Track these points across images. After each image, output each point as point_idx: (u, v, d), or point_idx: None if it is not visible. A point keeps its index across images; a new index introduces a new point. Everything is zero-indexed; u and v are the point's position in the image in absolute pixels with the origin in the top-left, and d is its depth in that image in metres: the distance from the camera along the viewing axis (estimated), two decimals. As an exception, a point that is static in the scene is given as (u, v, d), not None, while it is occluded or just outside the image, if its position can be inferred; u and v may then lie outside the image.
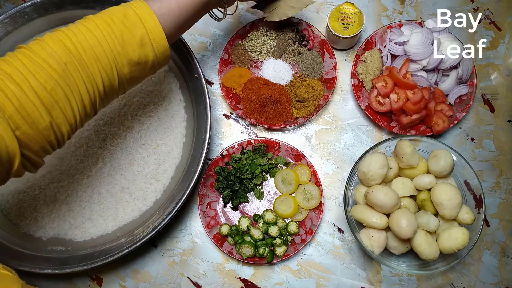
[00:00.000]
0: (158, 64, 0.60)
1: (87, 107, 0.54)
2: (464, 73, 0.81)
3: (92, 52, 0.52)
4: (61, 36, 0.52)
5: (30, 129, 0.48)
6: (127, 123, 0.81)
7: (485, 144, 0.84)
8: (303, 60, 0.86)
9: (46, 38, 0.52)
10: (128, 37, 0.54)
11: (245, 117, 0.84)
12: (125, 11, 0.56)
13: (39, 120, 0.48)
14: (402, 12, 0.91)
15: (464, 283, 0.79)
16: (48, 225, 0.78)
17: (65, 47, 0.51)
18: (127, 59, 0.55)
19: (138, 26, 0.55)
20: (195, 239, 0.82)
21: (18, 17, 0.79)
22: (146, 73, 0.60)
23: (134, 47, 0.55)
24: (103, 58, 0.53)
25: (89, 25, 0.53)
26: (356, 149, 0.85)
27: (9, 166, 0.48)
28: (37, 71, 0.48)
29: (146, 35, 0.56)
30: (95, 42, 0.52)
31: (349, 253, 0.81)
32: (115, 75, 0.55)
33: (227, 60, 0.87)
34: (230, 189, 0.81)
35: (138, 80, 0.61)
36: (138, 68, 0.58)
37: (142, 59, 0.57)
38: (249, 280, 0.80)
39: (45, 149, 0.52)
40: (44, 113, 0.49)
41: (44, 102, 0.49)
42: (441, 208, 0.69)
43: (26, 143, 0.49)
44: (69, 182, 0.79)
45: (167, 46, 0.59)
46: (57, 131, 0.52)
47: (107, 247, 0.75)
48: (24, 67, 0.48)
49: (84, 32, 0.52)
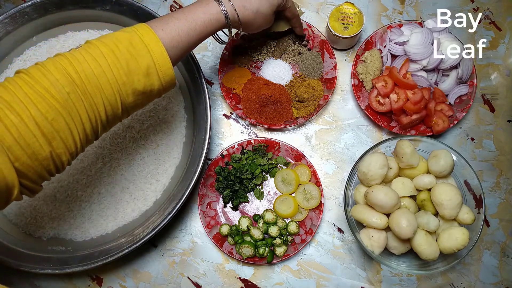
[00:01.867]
0: (163, 90, 0.59)
1: (89, 135, 0.53)
2: (464, 73, 0.81)
3: (96, 82, 0.50)
4: (64, 63, 0.50)
5: (29, 160, 0.47)
6: (127, 123, 0.81)
7: (485, 144, 0.84)
8: (303, 60, 0.86)
9: (48, 64, 0.50)
10: (134, 66, 0.53)
11: (245, 117, 0.84)
12: (131, 38, 0.54)
13: (39, 150, 0.47)
14: (402, 12, 0.91)
15: (464, 283, 0.79)
16: (48, 225, 0.78)
17: (68, 76, 0.49)
18: (132, 89, 0.54)
19: (145, 56, 0.53)
20: (195, 239, 0.82)
21: (18, 17, 0.79)
22: (151, 99, 0.59)
23: (139, 77, 0.53)
24: (107, 88, 0.51)
25: (94, 53, 0.51)
26: (356, 149, 0.85)
27: (7, 196, 0.47)
28: (39, 101, 0.47)
29: (153, 65, 0.54)
30: (100, 71, 0.51)
31: (349, 253, 0.81)
32: (118, 105, 0.54)
33: (227, 60, 0.87)
34: (230, 189, 0.81)
35: (142, 106, 0.60)
36: (143, 96, 0.56)
37: (147, 89, 0.55)
38: (249, 280, 0.80)
39: (43, 177, 0.51)
40: (45, 143, 0.47)
41: (45, 133, 0.47)
42: (441, 208, 0.69)
43: (25, 173, 0.47)
44: (69, 182, 0.79)
45: (173, 75, 0.57)
46: (57, 160, 0.50)
47: (107, 247, 0.75)
48: (25, 95, 0.47)
49: (89, 61, 0.51)
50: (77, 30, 0.84)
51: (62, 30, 0.84)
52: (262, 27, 0.72)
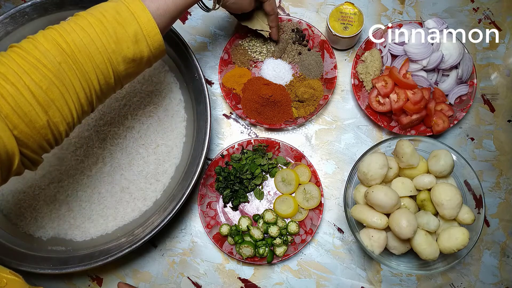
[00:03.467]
0: (153, 58, 0.60)
1: (84, 105, 0.54)
2: (464, 73, 0.81)
3: (86, 50, 0.52)
4: (54, 34, 0.51)
5: (27, 128, 0.48)
6: (127, 123, 0.81)
7: (485, 144, 0.84)
8: (303, 60, 0.86)
9: (38, 36, 0.51)
10: (122, 34, 0.54)
11: (245, 117, 0.84)
12: (117, 7, 0.55)
13: (36, 119, 0.49)
14: (402, 12, 0.91)
15: (464, 283, 0.79)
16: (48, 225, 0.78)
17: (58, 46, 0.51)
18: (122, 57, 0.55)
19: (131, 22, 0.54)
20: (195, 239, 0.82)
21: (18, 17, 0.78)
22: (142, 68, 0.60)
23: (128, 44, 0.55)
24: (98, 56, 0.53)
25: (82, 23, 0.53)
26: (356, 149, 0.85)
27: (9, 165, 0.48)
28: (32, 71, 0.48)
29: (140, 31, 0.55)
30: (89, 40, 0.52)
31: (349, 253, 0.81)
32: (110, 73, 0.55)
33: (227, 60, 0.87)
34: (230, 189, 0.81)
35: (134, 75, 0.61)
36: (133, 64, 0.57)
37: (137, 56, 0.56)
38: (249, 280, 0.80)
39: (43, 147, 0.52)
40: (41, 112, 0.49)
41: (40, 101, 0.48)
42: (441, 208, 0.69)
43: (24, 142, 0.49)
44: (69, 182, 0.79)
45: (162, 41, 0.58)
46: (55, 130, 0.52)
47: (107, 247, 0.75)
48: (19, 66, 0.48)
49: (77, 31, 0.52)
50: (77, 30, 0.84)
51: (62, 30, 0.84)
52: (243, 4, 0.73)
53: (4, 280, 0.47)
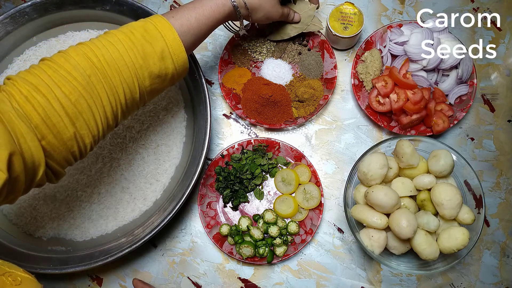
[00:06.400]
0: (177, 76, 0.61)
1: (110, 119, 0.55)
2: (464, 73, 0.81)
3: (115, 65, 0.53)
4: (84, 49, 0.53)
5: (55, 139, 0.49)
6: (127, 123, 0.81)
7: (485, 144, 0.84)
8: (303, 60, 0.86)
9: (70, 51, 0.53)
10: (149, 50, 0.56)
11: (245, 117, 0.84)
12: (145, 25, 0.57)
13: (63, 130, 0.49)
14: (402, 12, 0.91)
15: (464, 283, 0.79)
16: (48, 225, 0.78)
17: (89, 60, 0.52)
18: (148, 72, 0.56)
19: (158, 40, 0.56)
20: (195, 239, 0.82)
21: (18, 17, 0.79)
22: (166, 84, 0.62)
23: (155, 60, 0.56)
24: (126, 71, 0.54)
25: (111, 39, 0.55)
26: (356, 149, 0.85)
27: (33, 175, 0.48)
28: (62, 83, 0.49)
29: (166, 48, 0.57)
30: (118, 55, 0.54)
31: (349, 253, 0.81)
32: (136, 88, 0.56)
33: (227, 60, 0.87)
34: (230, 189, 0.81)
35: (158, 92, 0.62)
36: (158, 80, 0.59)
37: (162, 72, 0.58)
38: (249, 280, 0.80)
39: (68, 159, 0.53)
40: (69, 123, 0.50)
41: (69, 113, 0.49)
42: (441, 208, 0.69)
43: (51, 153, 0.50)
44: (69, 182, 0.79)
45: (186, 59, 0.60)
46: (81, 142, 0.52)
47: (107, 247, 0.75)
48: (50, 78, 0.49)
49: (107, 46, 0.54)
50: (77, 30, 0.84)
51: (62, 30, 0.84)
52: (270, 14, 0.73)
53: (19, 278, 0.48)
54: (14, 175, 0.44)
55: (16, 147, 0.44)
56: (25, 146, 0.46)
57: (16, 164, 0.44)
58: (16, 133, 0.45)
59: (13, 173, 0.44)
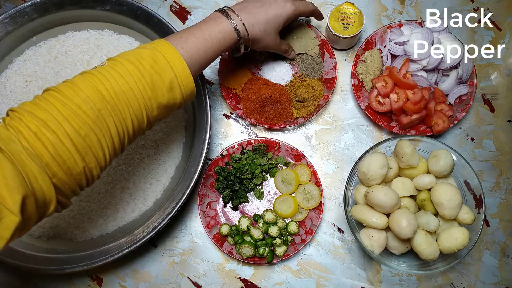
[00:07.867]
0: (184, 103, 0.62)
1: (117, 148, 0.55)
2: (464, 73, 0.81)
3: (124, 97, 0.53)
4: (93, 81, 0.52)
5: (65, 176, 0.49)
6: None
7: (485, 144, 0.84)
8: (303, 60, 0.86)
9: (78, 82, 0.52)
10: (158, 82, 0.55)
11: (245, 117, 0.84)
12: (153, 54, 0.56)
13: (73, 166, 0.49)
14: (402, 12, 0.91)
15: (464, 283, 0.79)
16: (48, 225, 0.78)
17: (99, 93, 0.51)
18: (157, 103, 0.56)
19: (167, 71, 0.56)
20: (195, 239, 0.82)
21: (18, 17, 0.79)
22: (172, 111, 0.62)
23: (163, 92, 0.56)
24: (135, 103, 0.54)
25: (120, 70, 0.54)
26: (356, 149, 0.85)
27: (43, 212, 0.48)
28: (72, 118, 0.49)
29: (175, 80, 0.57)
30: (127, 88, 0.53)
31: (349, 253, 0.81)
32: (144, 118, 0.56)
33: (227, 60, 0.87)
34: (230, 189, 0.81)
35: (164, 118, 0.63)
36: (166, 110, 0.59)
37: (170, 102, 0.58)
38: (249, 280, 0.80)
39: (75, 191, 0.53)
40: (79, 159, 0.49)
41: (79, 148, 0.49)
42: (441, 208, 0.69)
43: (61, 189, 0.50)
44: (69, 182, 0.79)
45: (194, 88, 0.60)
46: (89, 175, 0.52)
47: (107, 247, 0.75)
48: (59, 113, 0.48)
49: (116, 78, 0.53)
50: (77, 30, 0.84)
51: (62, 30, 0.84)
52: (269, 47, 0.76)
53: None
54: (26, 216, 0.44)
55: (28, 189, 0.44)
56: (36, 185, 0.45)
57: (29, 205, 0.44)
58: (28, 173, 0.45)
59: (26, 214, 0.44)
